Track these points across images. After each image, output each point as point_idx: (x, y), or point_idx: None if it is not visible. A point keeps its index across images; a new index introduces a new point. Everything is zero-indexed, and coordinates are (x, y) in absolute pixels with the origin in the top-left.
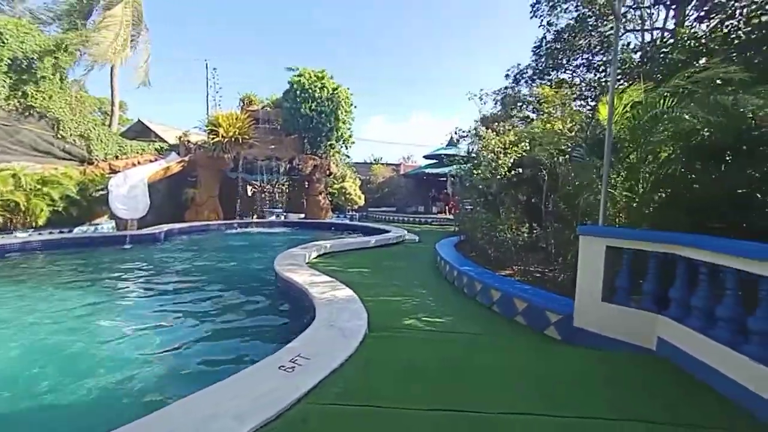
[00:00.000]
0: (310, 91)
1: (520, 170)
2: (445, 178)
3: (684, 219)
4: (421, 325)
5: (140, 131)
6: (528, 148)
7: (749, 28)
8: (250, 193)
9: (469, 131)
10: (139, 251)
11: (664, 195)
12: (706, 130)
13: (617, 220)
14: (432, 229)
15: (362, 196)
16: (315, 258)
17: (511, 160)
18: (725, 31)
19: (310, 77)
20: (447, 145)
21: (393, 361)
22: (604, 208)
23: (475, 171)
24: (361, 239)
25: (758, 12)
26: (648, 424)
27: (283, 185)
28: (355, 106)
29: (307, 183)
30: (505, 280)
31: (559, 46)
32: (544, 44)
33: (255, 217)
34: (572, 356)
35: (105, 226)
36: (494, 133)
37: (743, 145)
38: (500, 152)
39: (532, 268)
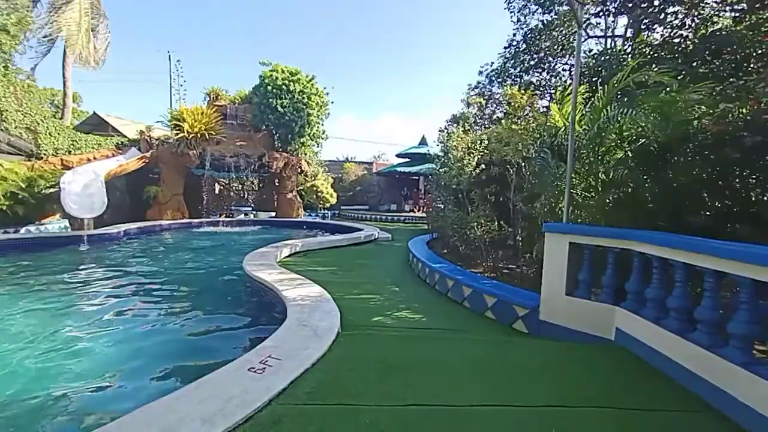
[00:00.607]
0: (282, 86)
1: (490, 168)
2: (417, 177)
3: (637, 216)
4: (393, 322)
5: (96, 125)
6: (494, 147)
7: (697, 40)
8: (217, 191)
9: (440, 130)
10: (97, 252)
11: (618, 194)
12: (652, 133)
13: (580, 218)
14: (405, 227)
15: (334, 195)
16: (286, 257)
17: (475, 161)
18: (676, 40)
19: (283, 72)
20: (419, 144)
21: (366, 359)
22: (568, 206)
23: (445, 170)
24: (333, 238)
25: (705, 24)
26: (608, 409)
27: (253, 183)
28: (332, 102)
29: (277, 181)
30: (475, 277)
31: (526, 48)
32: (513, 44)
33: (223, 215)
34: (538, 348)
35: (55, 225)
36: (463, 132)
37: (688, 149)
38: (465, 151)
39: (501, 264)
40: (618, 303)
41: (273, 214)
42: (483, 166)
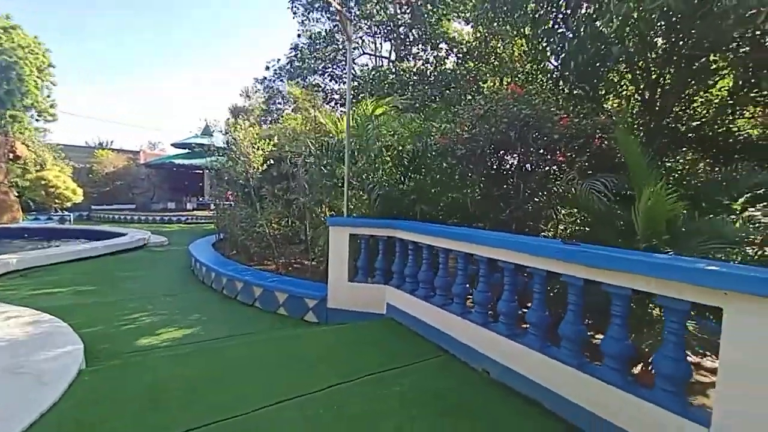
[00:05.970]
0: None
1: (280, 165)
2: (201, 171)
3: (398, 210)
4: (168, 340)
5: None
6: (283, 143)
7: (437, 72)
8: None
9: (225, 121)
10: None
11: (384, 190)
12: (402, 144)
13: (360, 211)
14: (187, 228)
15: (79, 191)
16: None
17: (262, 156)
18: (423, 69)
19: None
20: (202, 134)
21: (124, 393)
22: (347, 202)
23: (230, 164)
24: (79, 247)
25: (441, 62)
26: (379, 374)
27: None
28: (54, 78)
29: None
30: (266, 276)
31: (310, 52)
32: (298, 47)
33: None
34: (325, 334)
35: None
36: (249, 126)
37: (426, 156)
38: (251, 145)
39: (293, 260)
40: (387, 282)
41: None
42: (272, 161)
